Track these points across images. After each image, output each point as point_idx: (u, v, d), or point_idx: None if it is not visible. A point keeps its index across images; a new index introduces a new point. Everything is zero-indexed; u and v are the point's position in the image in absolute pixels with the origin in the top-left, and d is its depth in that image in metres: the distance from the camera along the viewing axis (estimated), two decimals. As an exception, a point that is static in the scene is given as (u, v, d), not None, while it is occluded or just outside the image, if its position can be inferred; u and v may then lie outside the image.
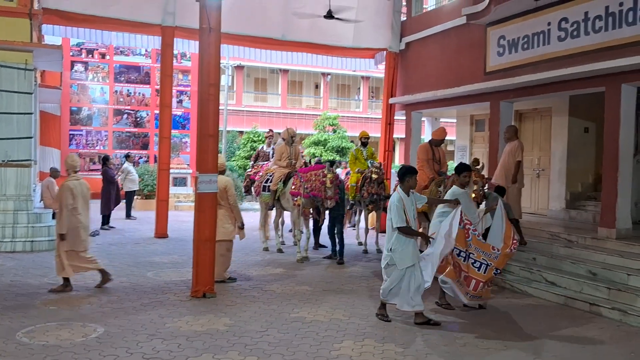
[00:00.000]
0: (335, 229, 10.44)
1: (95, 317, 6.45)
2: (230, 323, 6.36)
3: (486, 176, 10.97)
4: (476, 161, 9.23)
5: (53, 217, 11.99)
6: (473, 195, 8.43)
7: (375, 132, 15.17)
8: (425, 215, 9.63)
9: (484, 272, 6.92)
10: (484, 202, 8.11)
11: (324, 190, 9.75)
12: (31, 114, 11.23)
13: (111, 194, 13.60)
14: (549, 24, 9.87)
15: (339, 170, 12.27)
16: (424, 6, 14.72)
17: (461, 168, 7.51)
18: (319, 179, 9.81)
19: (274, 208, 11.32)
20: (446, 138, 10.34)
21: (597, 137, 11.41)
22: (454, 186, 7.47)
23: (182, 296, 7.46)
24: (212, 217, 7.44)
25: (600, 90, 9.25)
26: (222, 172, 8.33)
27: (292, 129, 11.04)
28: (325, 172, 9.82)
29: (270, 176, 10.97)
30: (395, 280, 6.52)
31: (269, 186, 10.90)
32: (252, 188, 11.76)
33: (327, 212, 10.56)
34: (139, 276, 8.64)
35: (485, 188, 8.49)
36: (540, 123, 12.60)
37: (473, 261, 6.94)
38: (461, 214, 6.85)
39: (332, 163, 10.41)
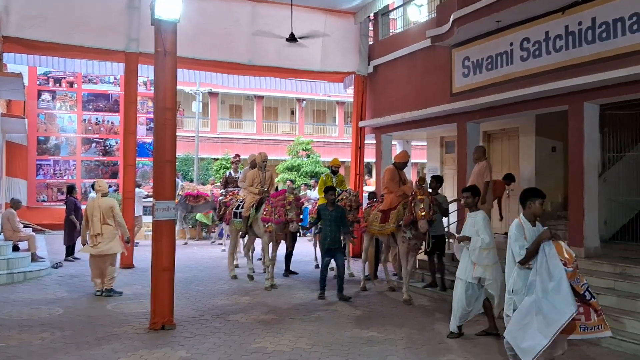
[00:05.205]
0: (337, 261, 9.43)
1: (45, 354, 6.13)
2: (187, 356, 6.08)
3: (456, 197, 10.98)
4: (422, 180, 9.13)
5: (14, 250, 11.61)
6: (422, 213, 8.39)
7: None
8: (393, 238, 9.48)
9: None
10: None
11: (284, 214, 9.56)
12: (-10, 143, 10.94)
13: (75, 225, 13.17)
14: (511, 44, 9.91)
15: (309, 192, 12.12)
16: (391, 30, 14.74)
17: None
18: (281, 203, 9.66)
19: (247, 235, 11.04)
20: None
21: (564, 156, 11.40)
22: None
23: (139, 329, 7.15)
24: (169, 245, 7.17)
25: (564, 108, 9.24)
26: (105, 195, 9.48)
27: (264, 153, 10.88)
28: (287, 194, 9.72)
29: (242, 202, 10.75)
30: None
31: (240, 212, 10.68)
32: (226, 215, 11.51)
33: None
34: (97, 309, 8.31)
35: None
36: (508, 143, 12.61)
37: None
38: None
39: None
